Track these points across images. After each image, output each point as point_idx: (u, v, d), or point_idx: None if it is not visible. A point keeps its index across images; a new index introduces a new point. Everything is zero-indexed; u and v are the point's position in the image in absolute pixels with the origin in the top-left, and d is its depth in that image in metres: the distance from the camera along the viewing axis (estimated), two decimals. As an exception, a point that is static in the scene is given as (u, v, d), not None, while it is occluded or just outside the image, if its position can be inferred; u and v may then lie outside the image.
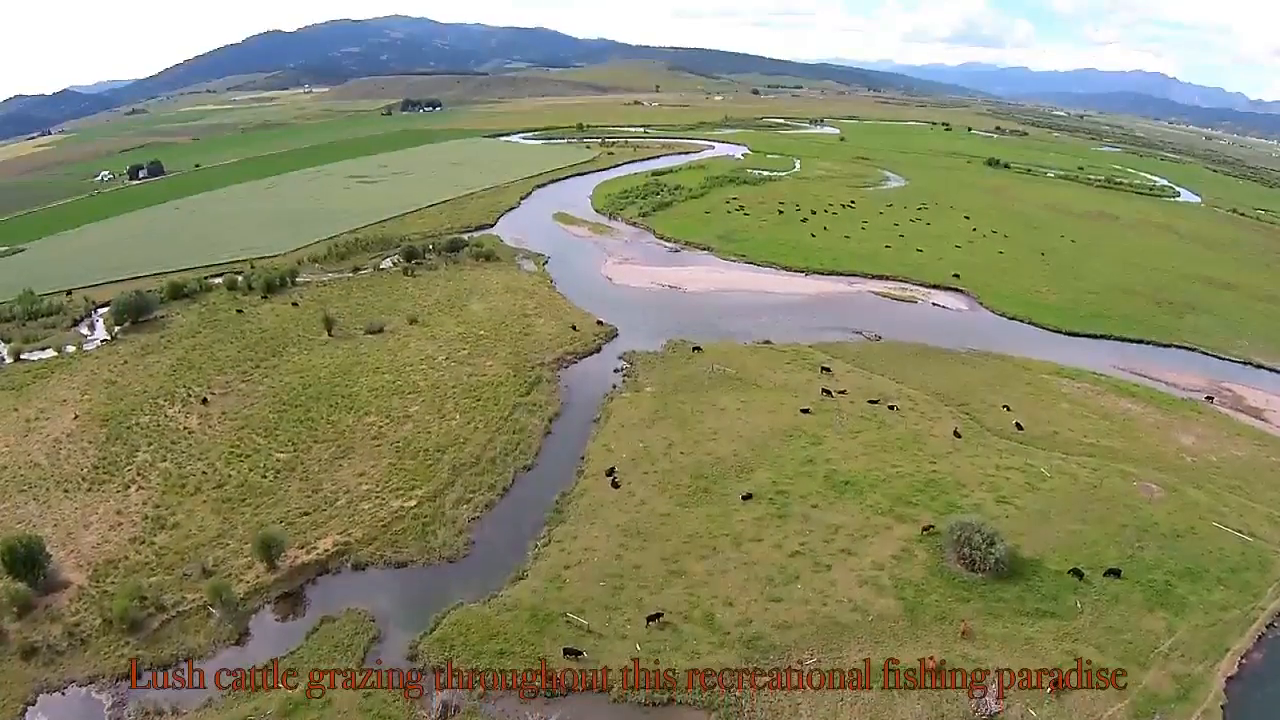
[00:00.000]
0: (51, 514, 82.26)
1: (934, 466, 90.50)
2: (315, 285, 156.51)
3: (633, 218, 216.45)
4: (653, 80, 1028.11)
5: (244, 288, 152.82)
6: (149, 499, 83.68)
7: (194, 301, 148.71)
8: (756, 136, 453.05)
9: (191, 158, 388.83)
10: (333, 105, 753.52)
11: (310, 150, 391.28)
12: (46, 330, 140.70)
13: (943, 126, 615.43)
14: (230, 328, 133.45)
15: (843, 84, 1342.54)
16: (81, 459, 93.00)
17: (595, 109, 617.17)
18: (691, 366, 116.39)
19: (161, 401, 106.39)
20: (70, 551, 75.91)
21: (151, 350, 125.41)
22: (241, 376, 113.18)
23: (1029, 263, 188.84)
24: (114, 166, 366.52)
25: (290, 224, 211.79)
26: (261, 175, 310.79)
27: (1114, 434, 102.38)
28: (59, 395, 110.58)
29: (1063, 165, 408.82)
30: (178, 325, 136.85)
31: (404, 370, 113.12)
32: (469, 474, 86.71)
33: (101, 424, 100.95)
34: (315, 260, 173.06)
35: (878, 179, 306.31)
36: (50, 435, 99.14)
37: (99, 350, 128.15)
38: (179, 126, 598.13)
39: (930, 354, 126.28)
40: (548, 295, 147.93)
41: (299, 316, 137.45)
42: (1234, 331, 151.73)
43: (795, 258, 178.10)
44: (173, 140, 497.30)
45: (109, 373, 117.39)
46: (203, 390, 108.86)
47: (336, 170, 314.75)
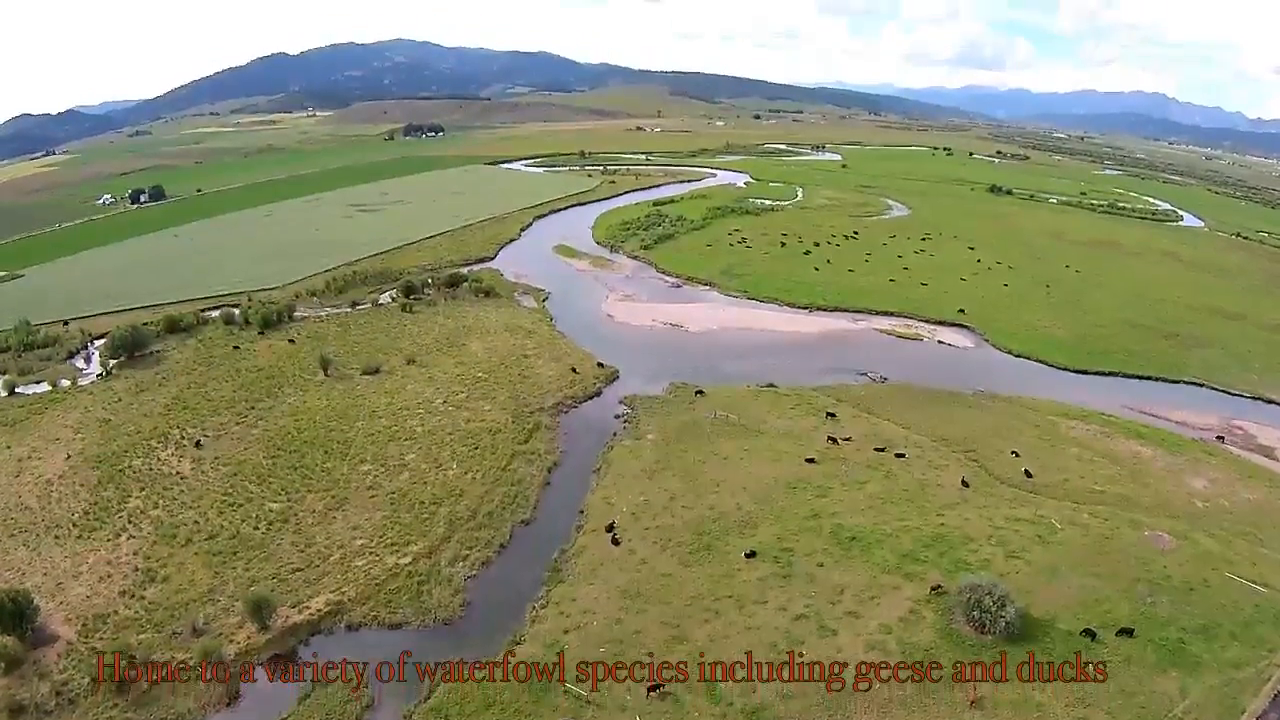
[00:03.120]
0: (41, 562, 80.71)
1: (942, 519, 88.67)
2: (313, 321, 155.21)
3: (634, 251, 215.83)
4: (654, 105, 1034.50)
5: (241, 322, 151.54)
6: (140, 549, 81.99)
7: (190, 336, 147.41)
8: (758, 164, 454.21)
9: (193, 182, 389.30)
10: (335, 129, 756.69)
11: (311, 176, 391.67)
12: (42, 362, 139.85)
13: (944, 152, 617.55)
14: (226, 365, 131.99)
15: (843, 108, 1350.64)
16: (73, 503, 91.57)
17: (597, 134, 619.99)
18: (694, 412, 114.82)
19: (155, 443, 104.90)
20: (60, 603, 74.26)
21: (146, 387, 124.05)
22: (236, 418, 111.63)
23: (1034, 295, 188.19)
24: (116, 190, 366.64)
25: (289, 254, 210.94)
26: (262, 201, 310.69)
27: (1124, 480, 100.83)
28: (52, 433, 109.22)
29: (1065, 191, 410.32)
30: (173, 361, 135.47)
31: (400, 415, 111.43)
32: (465, 529, 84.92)
33: (94, 466, 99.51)
34: (313, 294, 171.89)
35: (880, 208, 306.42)
36: (42, 476, 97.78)
37: (94, 386, 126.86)
38: (182, 149, 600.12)
39: (937, 396, 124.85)
40: (548, 334, 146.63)
41: (295, 354, 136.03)
42: (1243, 365, 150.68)
43: (799, 293, 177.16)
44: (175, 164, 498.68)
45: (103, 410, 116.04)
46: (196, 432, 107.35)
47: (337, 198, 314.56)
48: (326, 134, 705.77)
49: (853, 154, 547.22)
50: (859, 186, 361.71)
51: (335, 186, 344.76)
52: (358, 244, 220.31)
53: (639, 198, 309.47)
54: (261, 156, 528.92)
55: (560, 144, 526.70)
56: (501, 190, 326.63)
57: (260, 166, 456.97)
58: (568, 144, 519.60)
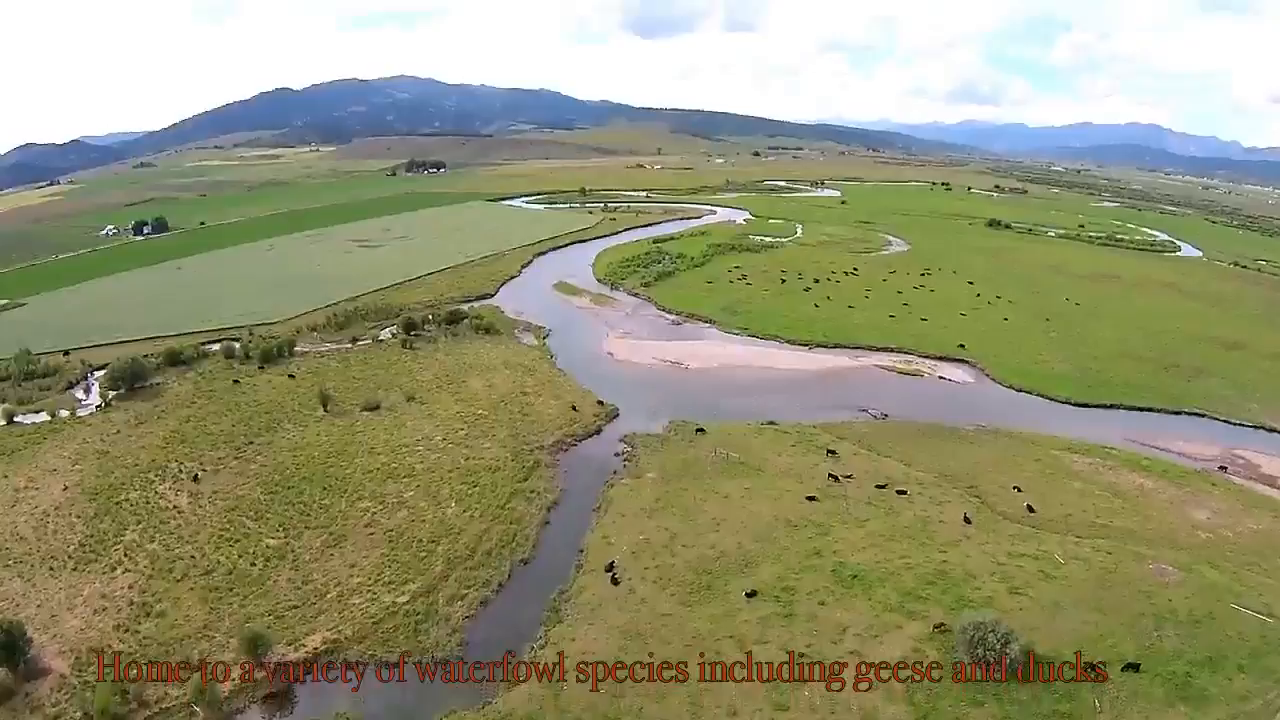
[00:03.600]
0: (36, 593, 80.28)
1: (944, 556, 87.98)
2: (313, 356, 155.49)
3: (634, 288, 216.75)
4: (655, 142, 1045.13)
5: (241, 356, 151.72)
6: (135, 583, 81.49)
7: (190, 369, 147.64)
8: (758, 200, 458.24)
9: (196, 214, 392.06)
10: (338, 164, 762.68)
11: (313, 211, 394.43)
12: (42, 392, 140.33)
13: (943, 187, 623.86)
14: (226, 399, 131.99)
15: (843, 144, 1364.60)
16: (69, 534, 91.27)
17: (598, 172, 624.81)
18: (694, 450, 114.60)
19: (153, 476, 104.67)
20: (53, 635, 73.72)
21: (145, 420, 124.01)
22: (234, 453, 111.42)
23: (1034, 329, 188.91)
24: (119, 221, 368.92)
25: (290, 289, 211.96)
26: (264, 235, 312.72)
27: (1127, 513, 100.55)
28: (50, 464, 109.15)
29: (1063, 224, 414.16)
30: (173, 394, 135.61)
31: (400, 452, 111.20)
32: (464, 568, 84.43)
33: (91, 498, 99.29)
34: (314, 329, 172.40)
35: (880, 243, 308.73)
36: (39, 507, 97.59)
37: (92, 417, 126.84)
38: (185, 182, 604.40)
39: (938, 433, 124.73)
40: (548, 372, 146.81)
41: (295, 389, 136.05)
42: (1245, 394, 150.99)
43: (799, 330, 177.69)
44: (178, 196, 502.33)
45: (101, 442, 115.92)
46: (195, 466, 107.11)
47: (339, 233, 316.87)
48: (329, 169, 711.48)
49: (852, 190, 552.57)
50: (858, 222, 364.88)
51: (337, 222, 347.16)
52: (359, 279, 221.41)
53: (639, 235, 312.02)
54: (264, 190, 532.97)
55: (561, 181, 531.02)
56: (503, 227, 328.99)
57: (263, 200, 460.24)
58: (569, 181, 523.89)
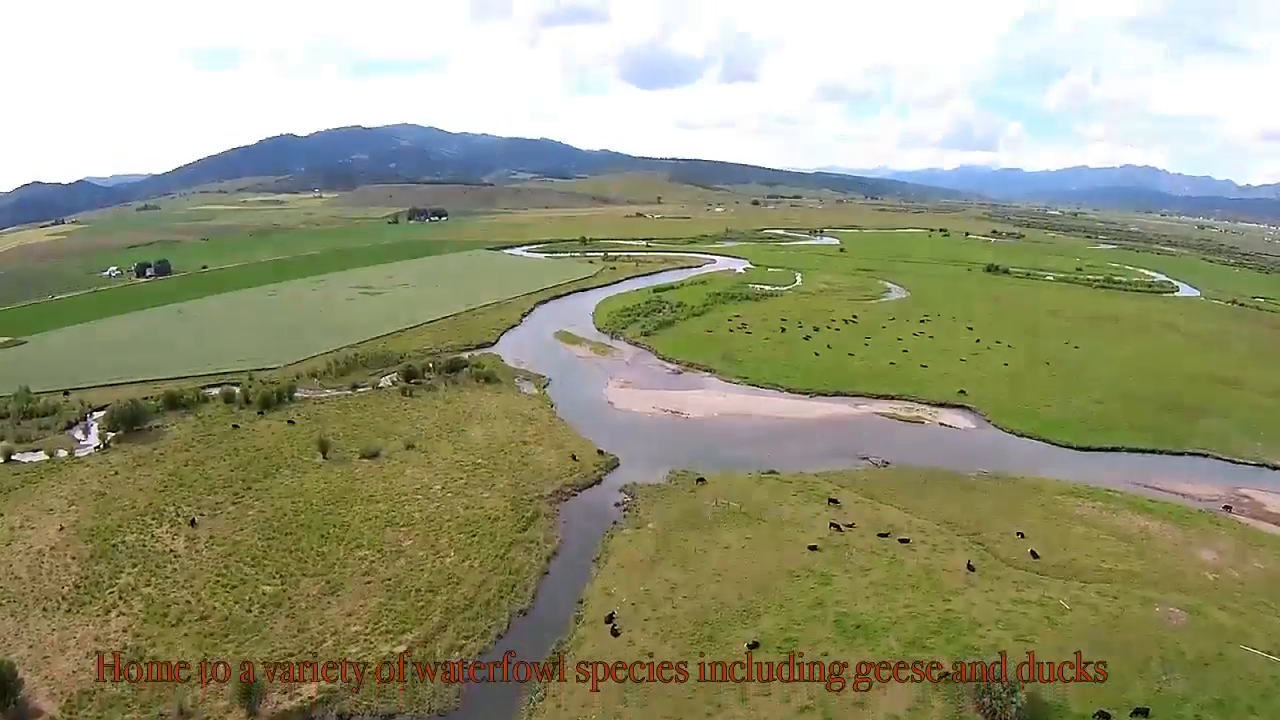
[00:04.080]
0: (28, 633, 79.86)
1: (948, 604, 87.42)
2: (313, 402, 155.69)
3: (635, 337, 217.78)
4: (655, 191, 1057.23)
5: (241, 401, 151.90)
6: (129, 626, 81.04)
7: (190, 413, 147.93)
8: (757, 249, 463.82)
9: (199, 258, 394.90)
10: (340, 211, 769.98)
11: (315, 257, 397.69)
12: (40, 431, 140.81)
13: (941, 233, 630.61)
14: (224, 444, 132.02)
15: (840, 192, 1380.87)
16: (64, 575, 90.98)
17: (598, 221, 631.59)
18: (694, 500, 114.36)
19: (149, 520, 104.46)
20: (45, 677, 73.19)
21: (143, 462, 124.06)
22: (232, 498, 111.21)
23: (1034, 373, 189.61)
24: (122, 263, 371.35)
25: (291, 335, 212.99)
26: (266, 281, 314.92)
27: (1132, 556, 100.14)
28: (46, 503, 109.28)
29: (1061, 267, 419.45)
30: (172, 437, 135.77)
31: (398, 500, 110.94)
32: (462, 618, 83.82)
33: (87, 539, 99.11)
34: (314, 375, 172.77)
35: (879, 291, 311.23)
36: (34, 547, 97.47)
37: (91, 458, 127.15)
38: (189, 225, 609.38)
39: (940, 479, 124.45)
40: (548, 421, 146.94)
41: (294, 436, 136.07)
42: (1247, 433, 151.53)
43: (799, 379, 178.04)
44: (182, 239, 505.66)
45: (99, 484, 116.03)
46: (192, 510, 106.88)
47: (340, 279, 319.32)
48: (332, 215, 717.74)
49: (850, 238, 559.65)
50: (857, 270, 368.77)
51: (339, 268, 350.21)
52: (360, 326, 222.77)
53: (639, 284, 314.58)
54: (267, 235, 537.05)
55: (562, 230, 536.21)
56: (504, 275, 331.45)
57: (266, 245, 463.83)
58: (569, 230, 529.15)
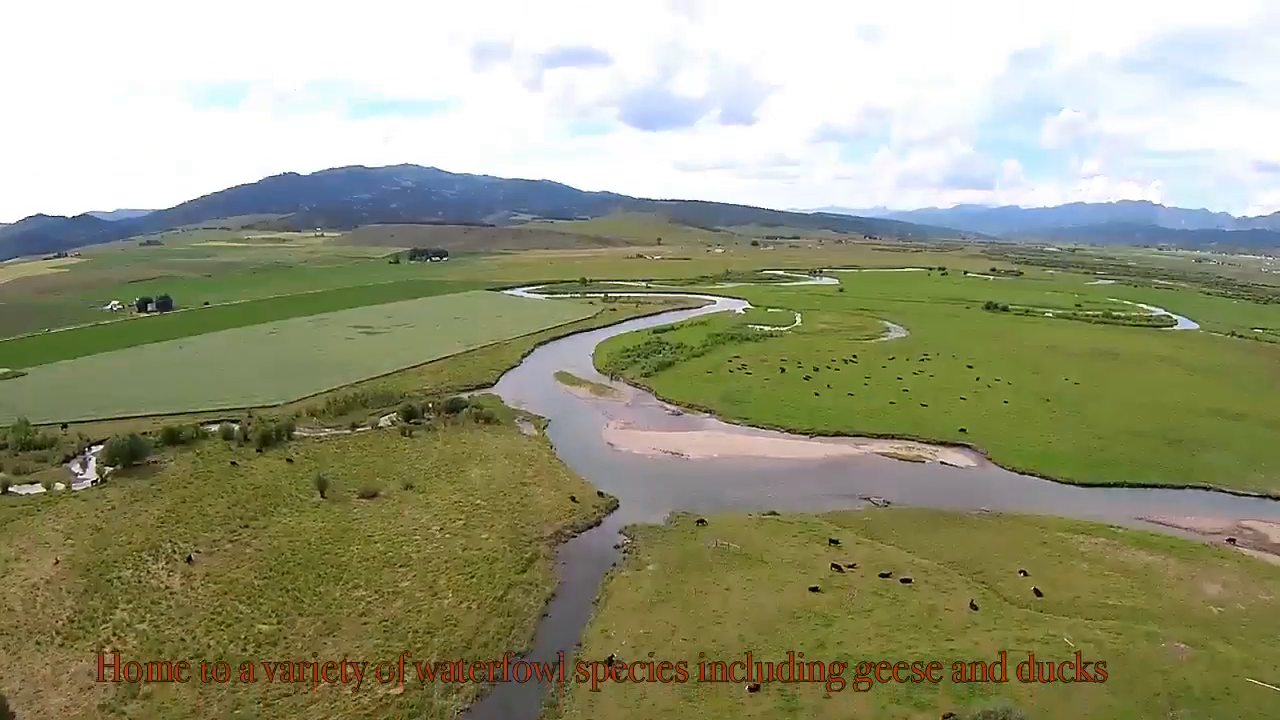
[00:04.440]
0: (21, 666, 79.22)
1: (951, 644, 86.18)
2: (312, 441, 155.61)
3: (634, 378, 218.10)
4: (655, 233, 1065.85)
5: (239, 438, 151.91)
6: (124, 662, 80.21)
7: (188, 449, 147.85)
8: (757, 290, 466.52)
9: (201, 294, 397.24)
10: (342, 249, 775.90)
11: (317, 296, 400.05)
12: (38, 464, 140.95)
13: (939, 271, 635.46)
14: (222, 481, 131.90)
15: (839, 232, 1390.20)
16: (58, 609, 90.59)
17: (598, 262, 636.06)
18: (695, 542, 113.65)
19: (145, 555, 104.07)
20: (37, 711, 72.49)
21: (141, 498, 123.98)
22: (229, 535, 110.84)
23: (1035, 411, 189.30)
24: (124, 297, 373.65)
25: (291, 373, 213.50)
26: (267, 318, 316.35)
27: (1136, 592, 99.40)
28: (42, 536, 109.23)
29: (1060, 304, 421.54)
30: (170, 473, 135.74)
31: (396, 540, 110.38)
32: (459, 658, 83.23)
33: (82, 573, 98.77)
34: (313, 414, 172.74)
35: (879, 330, 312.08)
36: (28, 579, 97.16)
37: (88, 492, 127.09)
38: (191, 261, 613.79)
39: (941, 518, 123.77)
40: (547, 462, 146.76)
41: (293, 474, 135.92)
42: (1249, 464, 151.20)
43: (799, 419, 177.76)
44: (184, 275, 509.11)
45: (95, 518, 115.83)
46: (189, 547, 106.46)
47: (341, 318, 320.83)
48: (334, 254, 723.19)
49: (849, 277, 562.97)
50: (857, 309, 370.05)
51: (340, 307, 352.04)
52: (360, 366, 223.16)
53: (639, 325, 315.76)
54: (269, 273, 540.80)
55: (562, 271, 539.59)
56: (504, 316, 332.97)
57: (268, 283, 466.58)
58: (570, 271, 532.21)
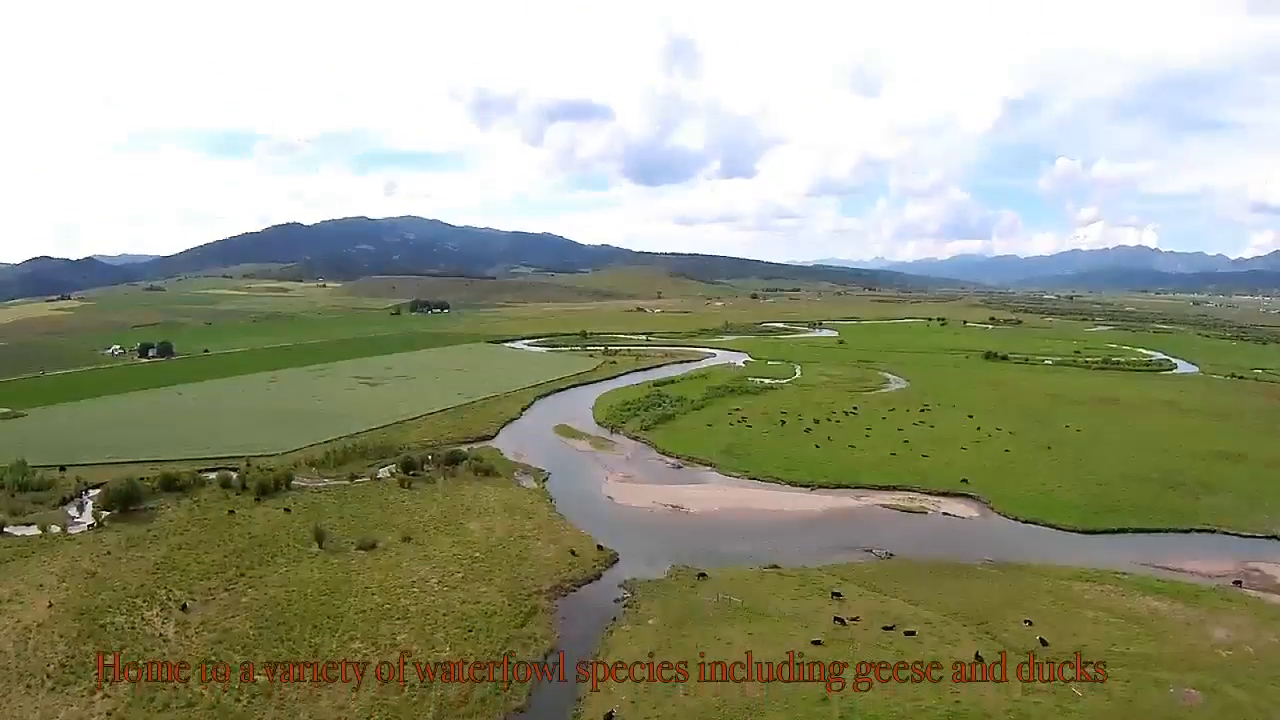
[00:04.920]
0: (10, 709, 78.31)
1: (957, 697, 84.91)
2: (310, 491, 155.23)
3: (634, 431, 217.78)
4: (654, 286, 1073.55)
5: (237, 487, 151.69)
6: (114, 710, 79.04)
7: (186, 496, 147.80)
8: (756, 343, 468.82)
9: (202, 342, 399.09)
10: (344, 300, 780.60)
11: (317, 346, 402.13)
12: (35, 505, 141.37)
13: (938, 322, 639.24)
14: (220, 529, 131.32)
15: (839, 284, 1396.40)
16: (50, 653, 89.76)
17: (599, 315, 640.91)
18: (696, 595, 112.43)
19: (140, 602, 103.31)
20: (24, 755, 71.15)
21: (137, 543, 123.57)
22: (225, 584, 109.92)
23: (1037, 459, 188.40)
24: (125, 342, 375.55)
25: (290, 422, 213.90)
26: (268, 367, 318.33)
27: (1144, 638, 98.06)
28: (36, 579, 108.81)
29: (1060, 351, 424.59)
30: (166, 519, 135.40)
31: (394, 593, 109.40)
32: (456, 714, 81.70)
33: (76, 618, 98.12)
34: (312, 464, 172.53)
35: (879, 382, 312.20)
36: (21, 622, 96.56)
37: (84, 536, 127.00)
38: (193, 308, 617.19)
39: (944, 570, 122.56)
40: (547, 515, 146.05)
41: (290, 524, 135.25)
42: (1253, 506, 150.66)
43: (800, 472, 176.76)
44: (185, 322, 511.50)
45: (90, 562, 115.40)
46: (184, 595, 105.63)
47: (341, 369, 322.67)
48: (335, 305, 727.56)
49: (849, 329, 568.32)
50: (857, 361, 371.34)
51: (340, 358, 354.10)
52: (359, 416, 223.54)
53: (639, 378, 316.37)
54: (270, 322, 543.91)
55: (562, 324, 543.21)
56: (504, 369, 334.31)
57: (269, 332, 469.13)
58: (570, 324, 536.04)
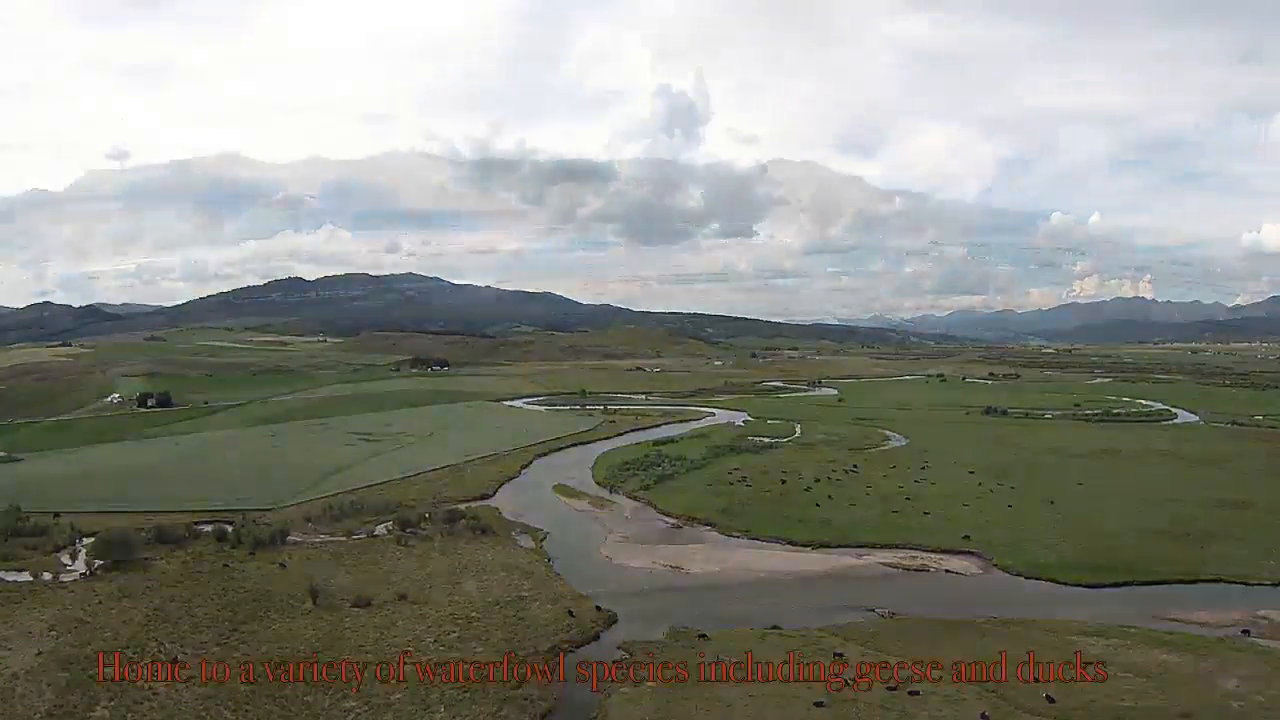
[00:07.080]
0: (-8, 759, 76.40)
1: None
2: (306, 547, 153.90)
3: (634, 491, 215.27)
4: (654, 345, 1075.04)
5: (233, 540, 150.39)
6: (98, 766, 77.89)
7: (180, 548, 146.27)
8: (756, 401, 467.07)
9: (201, 393, 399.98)
10: (344, 356, 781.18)
11: (317, 401, 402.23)
12: (27, 551, 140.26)
13: (938, 378, 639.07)
14: (213, 583, 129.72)
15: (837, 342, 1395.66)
16: (36, 702, 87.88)
17: (598, 374, 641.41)
18: (695, 657, 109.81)
19: (130, 654, 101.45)
20: (3, 808, 69.77)
21: (129, 594, 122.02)
22: (218, 639, 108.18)
23: (1039, 514, 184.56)
24: (125, 390, 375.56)
25: (288, 477, 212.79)
26: (266, 421, 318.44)
27: (1152, 692, 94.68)
28: (25, 626, 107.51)
29: (1059, 404, 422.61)
30: (160, 571, 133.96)
31: (389, 651, 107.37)
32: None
33: (64, 667, 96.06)
34: (309, 519, 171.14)
35: (879, 439, 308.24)
36: (8, 669, 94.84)
37: (76, 584, 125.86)
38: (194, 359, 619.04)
39: (948, 628, 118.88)
40: (544, 575, 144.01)
41: (285, 579, 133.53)
42: (1260, 553, 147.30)
43: (801, 531, 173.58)
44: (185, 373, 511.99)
45: (81, 611, 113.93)
46: (175, 648, 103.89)
47: (340, 424, 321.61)
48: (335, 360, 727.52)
49: (848, 387, 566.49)
50: (856, 419, 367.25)
51: (340, 413, 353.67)
52: (357, 473, 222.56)
53: (639, 437, 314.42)
54: (270, 376, 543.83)
55: (562, 382, 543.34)
56: (503, 427, 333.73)
57: (268, 385, 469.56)
58: (569, 382, 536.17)
